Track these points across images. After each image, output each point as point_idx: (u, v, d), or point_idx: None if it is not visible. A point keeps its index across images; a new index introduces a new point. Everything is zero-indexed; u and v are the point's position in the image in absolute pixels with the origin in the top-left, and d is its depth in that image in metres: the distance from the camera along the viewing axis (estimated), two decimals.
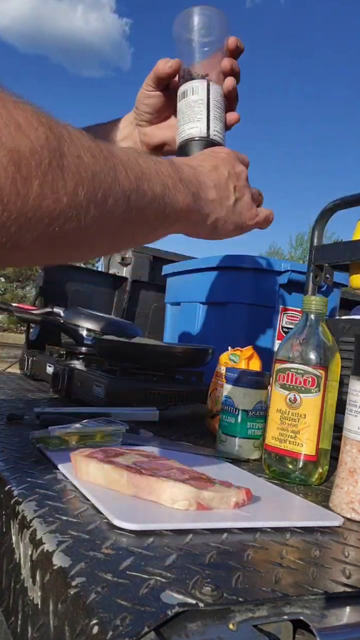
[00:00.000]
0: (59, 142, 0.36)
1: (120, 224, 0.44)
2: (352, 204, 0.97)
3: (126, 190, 0.43)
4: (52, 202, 0.35)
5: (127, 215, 0.44)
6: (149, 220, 0.48)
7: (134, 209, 0.45)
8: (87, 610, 0.35)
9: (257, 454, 0.81)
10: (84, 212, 0.38)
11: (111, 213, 0.42)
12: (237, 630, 0.35)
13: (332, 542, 0.52)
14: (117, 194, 0.42)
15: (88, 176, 0.38)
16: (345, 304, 1.67)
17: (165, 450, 0.75)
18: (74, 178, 0.37)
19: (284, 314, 1.25)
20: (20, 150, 0.32)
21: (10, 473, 0.59)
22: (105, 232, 0.43)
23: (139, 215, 0.46)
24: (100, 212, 0.40)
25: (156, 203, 0.48)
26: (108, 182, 0.41)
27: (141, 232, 0.49)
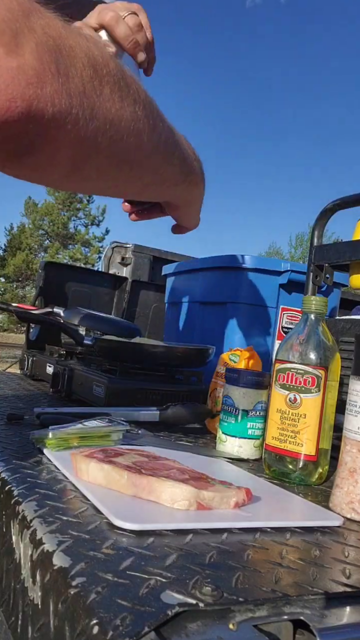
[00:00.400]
0: (121, 68, 0.41)
1: (160, 162, 0.48)
2: (352, 204, 0.97)
3: (167, 131, 0.48)
4: (117, 109, 0.38)
5: (166, 155, 0.48)
6: (176, 172, 0.52)
7: (172, 152, 0.49)
8: (87, 610, 0.35)
9: (257, 454, 0.81)
10: (141, 129, 0.42)
11: (157, 145, 0.46)
12: (237, 630, 0.35)
13: (332, 542, 0.52)
14: (164, 129, 0.47)
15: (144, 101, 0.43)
16: (345, 304, 1.67)
17: (165, 450, 0.75)
18: (135, 98, 0.41)
19: (284, 314, 1.25)
20: (96, 59, 0.37)
21: (10, 473, 0.59)
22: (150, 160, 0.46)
23: (171, 162, 0.50)
24: (151, 136, 0.44)
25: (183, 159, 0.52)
26: (156, 114, 0.45)
27: (169, 179, 0.52)
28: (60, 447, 0.69)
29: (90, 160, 0.39)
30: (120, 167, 0.43)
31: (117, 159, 0.41)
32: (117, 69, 0.39)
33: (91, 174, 0.41)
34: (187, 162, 0.53)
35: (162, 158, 0.47)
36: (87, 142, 0.37)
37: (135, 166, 0.44)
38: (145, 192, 0.53)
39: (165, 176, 0.50)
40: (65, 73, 0.34)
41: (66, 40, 0.35)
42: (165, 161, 0.48)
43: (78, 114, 0.35)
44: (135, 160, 0.43)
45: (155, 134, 0.44)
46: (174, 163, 0.50)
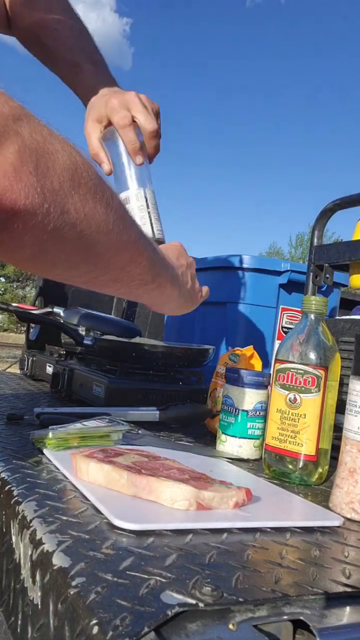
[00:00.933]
0: (99, 176, 0.45)
1: (128, 260, 0.51)
2: (352, 204, 0.97)
3: (136, 234, 0.52)
4: (89, 209, 0.43)
5: (134, 255, 0.52)
6: (144, 273, 0.56)
7: (140, 252, 0.53)
8: (87, 610, 0.35)
9: (257, 454, 0.81)
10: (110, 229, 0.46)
11: (126, 245, 0.50)
12: (237, 630, 0.35)
13: (332, 542, 0.52)
14: (133, 233, 0.51)
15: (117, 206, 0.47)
16: (345, 304, 1.67)
17: (165, 450, 0.75)
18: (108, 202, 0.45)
19: (284, 314, 1.25)
20: (76, 164, 0.41)
21: (10, 473, 0.59)
22: (116, 261, 0.50)
23: (140, 262, 0.54)
24: (119, 237, 0.48)
25: (152, 261, 0.56)
26: (127, 220, 0.50)
27: (136, 279, 0.56)
28: (60, 447, 0.69)
29: (55, 248, 0.43)
30: (86, 260, 0.47)
31: (83, 252, 0.45)
32: (95, 176, 0.44)
33: (56, 261, 0.45)
34: (155, 266, 0.57)
35: (129, 258, 0.51)
36: (55, 233, 0.40)
37: (100, 261, 0.48)
38: (111, 288, 0.57)
39: (132, 275, 0.54)
40: (43, 172, 0.38)
41: (50, 145, 0.39)
42: (133, 261, 0.52)
43: (49, 209, 0.39)
44: (101, 256, 0.48)
45: (124, 235, 0.49)
46: (141, 264, 0.54)
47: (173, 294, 0.65)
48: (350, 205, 0.98)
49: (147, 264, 0.55)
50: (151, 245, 0.57)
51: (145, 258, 0.54)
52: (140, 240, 0.53)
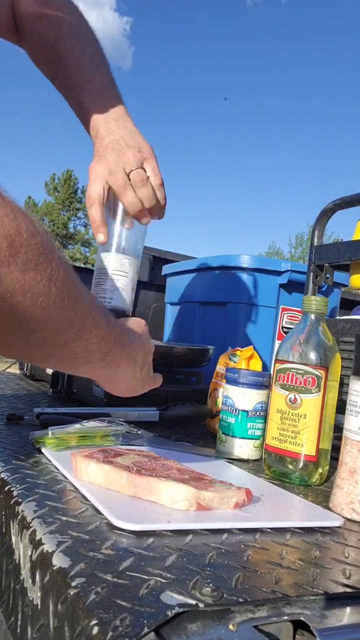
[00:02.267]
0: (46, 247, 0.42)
1: (70, 338, 0.47)
2: (352, 204, 0.97)
3: (85, 310, 0.48)
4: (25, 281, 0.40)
5: (79, 332, 0.48)
6: (92, 350, 0.51)
7: (88, 330, 0.49)
8: (87, 610, 0.35)
9: (257, 454, 0.81)
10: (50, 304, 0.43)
11: (70, 321, 0.46)
12: (237, 631, 0.35)
13: (332, 543, 0.52)
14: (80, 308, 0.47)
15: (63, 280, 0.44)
16: (346, 304, 1.67)
17: (165, 451, 0.75)
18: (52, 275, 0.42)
19: (284, 314, 1.25)
20: (18, 233, 0.39)
21: (10, 473, 0.59)
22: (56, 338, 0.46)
23: (87, 339, 0.50)
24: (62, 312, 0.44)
25: (103, 338, 0.52)
26: (75, 294, 0.46)
27: (82, 357, 0.51)
28: (59, 447, 0.69)
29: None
30: (19, 334, 0.43)
31: (15, 326, 0.42)
32: (40, 246, 0.40)
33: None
34: (108, 343, 0.53)
35: (73, 335, 0.48)
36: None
37: (36, 337, 0.45)
38: (51, 362, 0.53)
39: (77, 352, 0.50)
40: None
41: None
42: (77, 338, 0.49)
43: None
44: (38, 331, 0.44)
45: (68, 311, 0.45)
46: (89, 341, 0.50)
47: (126, 374, 0.60)
48: (350, 205, 0.98)
49: (97, 341, 0.51)
50: (106, 321, 0.53)
51: (95, 335, 0.50)
52: (89, 316, 0.49)
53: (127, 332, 0.61)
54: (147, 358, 0.64)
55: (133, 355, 0.60)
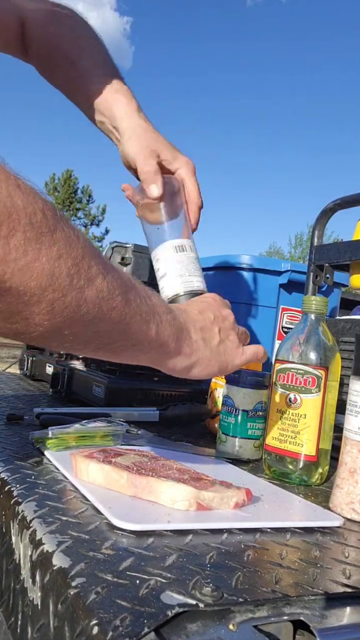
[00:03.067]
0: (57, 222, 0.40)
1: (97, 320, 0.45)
2: (352, 204, 0.97)
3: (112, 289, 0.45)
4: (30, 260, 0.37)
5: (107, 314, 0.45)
6: (133, 332, 0.49)
7: (119, 310, 0.46)
8: (87, 610, 0.35)
9: (257, 454, 0.81)
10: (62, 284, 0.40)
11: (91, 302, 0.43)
12: (237, 631, 0.35)
13: (332, 543, 0.52)
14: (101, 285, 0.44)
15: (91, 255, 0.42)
16: (346, 304, 1.67)
17: (165, 451, 0.75)
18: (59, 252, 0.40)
19: (284, 314, 1.25)
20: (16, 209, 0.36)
21: (10, 473, 0.59)
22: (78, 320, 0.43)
23: (119, 320, 0.47)
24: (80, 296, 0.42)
25: (144, 321, 0.50)
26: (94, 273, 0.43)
27: (118, 340, 0.49)
28: (59, 447, 0.69)
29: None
30: (27, 319, 0.40)
31: (21, 310, 0.39)
32: (42, 223, 0.38)
33: None
34: (149, 321, 0.50)
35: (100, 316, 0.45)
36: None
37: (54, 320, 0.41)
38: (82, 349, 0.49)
39: (112, 336, 0.48)
40: None
41: None
42: (108, 320, 0.46)
43: None
44: (48, 315, 0.41)
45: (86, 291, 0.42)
46: (124, 321, 0.47)
47: (182, 353, 0.56)
48: (350, 205, 0.98)
49: (133, 321, 0.48)
50: (145, 298, 0.50)
51: (130, 315, 0.47)
52: (120, 295, 0.46)
53: (179, 308, 0.59)
54: (212, 329, 0.60)
55: (187, 330, 0.57)
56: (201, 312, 0.61)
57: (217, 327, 0.61)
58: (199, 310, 0.62)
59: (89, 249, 0.43)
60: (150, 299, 0.52)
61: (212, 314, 0.62)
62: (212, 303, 0.65)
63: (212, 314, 0.62)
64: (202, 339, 0.59)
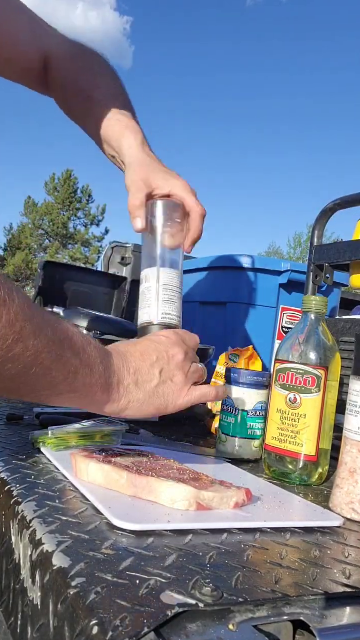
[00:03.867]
0: None
1: (20, 373, 0.48)
2: (352, 204, 0.97)
3: (41, 346, 0.48)
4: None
5: (32, 369, 0.49)
6: (58, 384, 0.52)
7: (45, 366, 0.50)
8: (87, 610, 0.35)
9: (257, 454, 0.81)
10: None
11: (18, 358, 0.47)
12: (237, 631, 0.35)
13: (332, 543, 0.52)
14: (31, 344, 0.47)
15: None
16: (346, 304, 1.67)
17: (165, 451, 0.75)
18: None
19: (284, 314, 1.25)
20: None
21: (10, 473, 0.59)
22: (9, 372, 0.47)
23: (44, 374, 0.50)
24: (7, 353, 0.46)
25: (71, 374, 0.52)
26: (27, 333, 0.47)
27: (44, 389, 0.52)
28: (59, 447, 0.69)
29: None
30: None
31: None
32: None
33: None
34: (77, 373, 0.53)
35: (24, 371, 0.48)
36: None
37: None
38: (9, 395, 0.54)
39: (35, 386, 0.51)
40: None
41: None
42: (33, 374, 0.49)
43: None
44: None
45: (16, 349, 0.46)
46: (50, 375, 0.50)
47: (112, 400, 0.58)
48: (350, 205, 0.98)
49: (60, 374, 0.51)
50: (78, 351, 0.53)
51: (57, 369, 0.50)
52: (49, 353, 0.49)
53: (120, 353, 0.60)
54: (151, 372, 0.61)
55: (120, 377, 0.58)
56: (143, 353, 0.62)
57: (158, 369, 0.61)
58: (141, 352, 0.62)
59: (26, 308, 0.47)
60: (85, 352, 0.54)
61: (155, 355, 0.62)
62: (162, 342, 0.64)
63: (156, 355, 0.62)
64: (135, 383, 0.59)
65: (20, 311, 0.46)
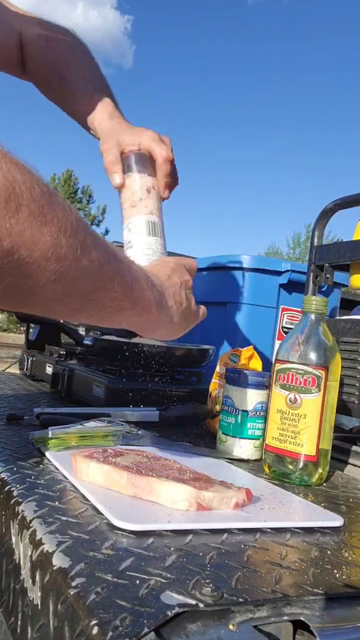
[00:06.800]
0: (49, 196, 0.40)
1: (91, 288, 0.47)
2: (353, 203, 0.97)
3: (102, 258, 0.47)
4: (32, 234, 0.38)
5: (100, 281, 0.47)
6: (120, 299, 0.51)
7: (109, 278, 0.49)
8: (87, 610, 0.35)
9: (257, 454, 0.81)
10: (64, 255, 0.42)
11: (86, 271, 0.45)
12: (237, 631, 0.35)
13: (332, 543, 0.52)
14: (94, 255, 0.46)
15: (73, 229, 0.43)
16: (346, 304, 1.67)
17: (165, 451, 0.75)
18: (61, 226, 0.41)
19: (284, 314, 1.25)
20: (15, 183, 0.37)
21: (10, 473, 0.59)
22: (75, 289, 0.45)
23: (110, 288, 0.49)
24: (77, 263, 0.43)
25: (129, 288, 0.52)
26: (88, 243, 0.45)
27: (108, 306, 0.51)
28: (60, 447, 0.69)
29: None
30: (34, 290, 0.42)
31: (27, 281, 0.40)
32: (41, 197, 0.39)
33: None
34: (134, 289, 0.53)
35: (94, 284, 0.47)
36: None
37: (53, 290, 0.43)
38: (79, 316, 0.52)
39: (103, 302, 0.50)
40: None
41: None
42: (100, 287, 0.48)
43: None
44: (53, 284, 0.42)
45: (83, 260, 0.44)
46: (113, 289, 0.49)
47: (162, 318, 0.59)
48: (350, 205, 0.98)
49: (121, 289, 0.50)
50: (127, 267, 0.52)
51: (118, 283, 0.50)
52: (108, 264, 0.48)
53: (153, 274, 0.60)
54: (183, 296, 0.64)
55: (165, 296, 0.60)
56: (169, 277, 0.65)
57: (184, 291, 0.65)
58: (167, 276, 0.64)
59: (81, 220, 0.45)
60: (132, 267, 0.54)
61: (178, 279, 0.65)
62: (175, 268, 0.67)
63: (178, 279, 0.65)
64: (174, 303, 0.63)
65: (80, 221, 0.45)
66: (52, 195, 0.41)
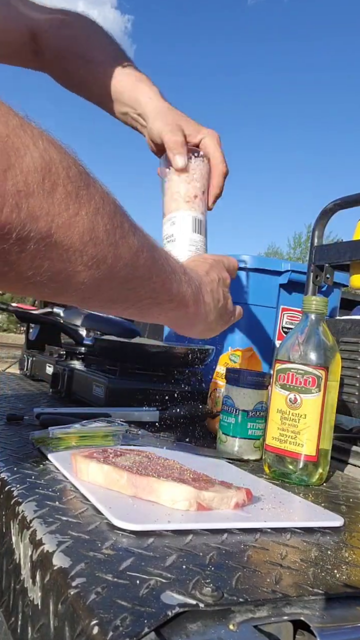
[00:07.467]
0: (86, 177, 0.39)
1: (130, 276, 0.45)
2: (353, 203, 0.97)
3: (141, 245, 0.45)
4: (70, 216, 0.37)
5: (138, 270, 0.45)
6: (159, 291, 0.50)
7: (147, 267, 0.46)
8: (87, 610, 0.35)
9: (257, 455, 0.81)
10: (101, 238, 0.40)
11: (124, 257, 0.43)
12: (237, 631, 0.35)
13: (333, 543, 0.52)
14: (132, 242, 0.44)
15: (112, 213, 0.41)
16: (346, 304, 1.67)
17: (165, 451, 0.75)
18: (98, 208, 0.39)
19: (284, 314, 1.25)
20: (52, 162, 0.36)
21: (10, 473, 0.59)
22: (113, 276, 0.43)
23: (148, 277, 0.47)
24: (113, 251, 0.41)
25: (167, 280, 0.50)
26: (127, 228, 0.43)
27: (146, 297, 0.49)
28: (60, 447, 0.69)
29: (25, 262, 0.36)
30: (69, 277, 0.40)
31: (64, 266, 0.39)
32: (79, 177, 0.37)
33: (30, 278, 0.38)
34: (172, 282, 0.51)
35: (131, 272, 0.44)
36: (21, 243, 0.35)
37: (90, 277, 0.41)
38: (113, 308, 0.50)
39: (140, 293, 0.48)
40: (3, 172, 0.33)
41: (17, 138, 0.33)
42: (138, 276, 0.46)
43: (11, 215, 0.33)
44: (90, 270, 0.40)
45: (121, 246, 0.42)
46: (151, 280, 0.48)
47: (199, 314, 0.58)
48: (350, 205, 0.98)
49: (159, 279, 0.48)
50: (165, 258, 0.50)
51: (156, 273, 0.48)
52: (146, 252, 0.46)
53: (191, 269, 0.59)
54: (221, 293, 0.63)
55: (203, 292, 0.58)
56: (207, 273, 0.63)
57: (221, 289, 0.63)
58: (205, 272, 0.63)
59: (119, 205, 0.43)
60: (169, 259, 0.52)
61: (216, 276, 0.63)
62: (214, 264, 0.65)
63: (216, 275, 0.63)
64: (212, 301, 0.61)
65: (118, 206, 0.43)
66: (90, 177, 0.39)
